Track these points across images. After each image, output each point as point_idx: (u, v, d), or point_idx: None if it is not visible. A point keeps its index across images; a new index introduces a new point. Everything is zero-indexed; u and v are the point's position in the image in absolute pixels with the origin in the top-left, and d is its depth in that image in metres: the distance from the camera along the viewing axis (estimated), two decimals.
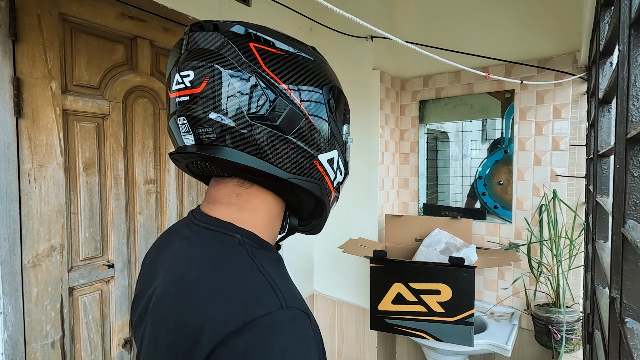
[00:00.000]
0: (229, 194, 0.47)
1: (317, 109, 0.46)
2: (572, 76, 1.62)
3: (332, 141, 0.49)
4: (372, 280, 1.61)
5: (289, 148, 0.44)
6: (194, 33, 0.45)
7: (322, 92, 0.47)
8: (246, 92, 0.42)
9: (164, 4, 1.43)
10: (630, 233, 0.46)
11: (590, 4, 1.09)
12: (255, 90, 0.42)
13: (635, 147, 0.50)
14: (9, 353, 1.07)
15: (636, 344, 0.45)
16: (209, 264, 0.41)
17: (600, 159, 0.98)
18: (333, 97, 0.49)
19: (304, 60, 0.46)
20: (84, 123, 1.25)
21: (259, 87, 0.42)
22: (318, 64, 0.48)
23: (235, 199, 0.47)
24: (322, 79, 0.48)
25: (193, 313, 0.37)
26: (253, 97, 0.42)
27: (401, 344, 2.27)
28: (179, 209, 1.56)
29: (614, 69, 0.66)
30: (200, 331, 0.35)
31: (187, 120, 0.43)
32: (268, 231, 0.49)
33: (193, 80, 0.42)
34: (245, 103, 0.42)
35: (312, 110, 0.46)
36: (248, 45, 0.43)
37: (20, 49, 1.08)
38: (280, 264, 0.47)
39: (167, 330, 0.39)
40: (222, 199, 0.48)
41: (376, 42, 2.01)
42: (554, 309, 1.63)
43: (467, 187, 2.05)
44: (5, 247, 1.06)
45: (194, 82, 0.42)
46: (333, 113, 0.49)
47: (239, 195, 0.47)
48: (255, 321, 0.35)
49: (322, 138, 0.47)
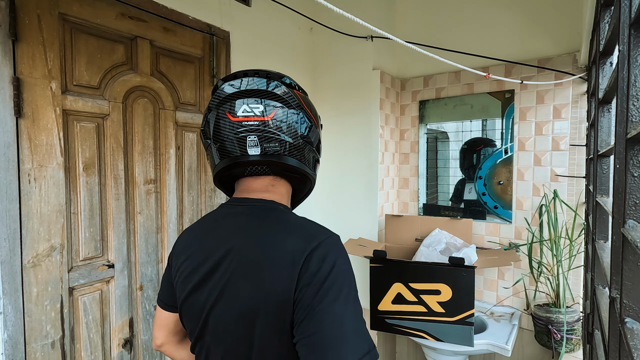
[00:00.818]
0: (266, 185, 0.68)
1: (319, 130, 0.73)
2: (572, 76, 1.62)
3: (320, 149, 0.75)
4: (372, 280, 1.61)
5: (313, 154, 0.71)
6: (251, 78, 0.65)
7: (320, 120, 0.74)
8: (299, 122, 0.66)
9: (164, 4, 1.43)
10: (630, 233, 0.46)
11: (590, 4, 1.09)
12: (303, 121, 0.67)
13: (635, 147, 0.50)
14: (9, 353, 1.07)
15: (636, 344, 0.45)
16: (273, 221, 0.63)
17: (600, 159, 0.98)
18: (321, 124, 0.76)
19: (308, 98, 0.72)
20: (84, 123, 1.25)
21: (304, 118, 0.67)
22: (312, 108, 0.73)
23: (271, 188, 0.69)
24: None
25: (277, 248, 0.58)
26: (302, 125, 0.67)
27: (401, 344, 2.27)
28: (179, 209, 1.56)
29: (614, 69, 0.66)
30: (291, 256, 0.56)
31: (258, 137, 0.63)
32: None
33: (263, 111, 0.63)
34: (298, 129, 0.66)
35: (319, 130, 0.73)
36: (293, 92, 0.67)
37: (20, 49, 1.08)
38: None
39: (256, 265, 0.58)
40: (260, 188, 0.68)
41: (376, 42, 2.01)
42: (554, 309, 1.63)
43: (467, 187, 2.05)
44: (5, 247, 1.06)
45: (264, 112, 0.63)
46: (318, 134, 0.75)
47: (273, 185, 0.69)
48: (323, 241, 0.58)
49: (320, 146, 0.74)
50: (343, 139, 2.16)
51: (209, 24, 1.61)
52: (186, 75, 1.56)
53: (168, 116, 1.50)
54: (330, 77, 2.19)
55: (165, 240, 1.51)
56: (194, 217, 1.62)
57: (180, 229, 1.57)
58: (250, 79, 0.64)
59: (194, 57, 1.59)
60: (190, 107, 1.59)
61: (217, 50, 1.65)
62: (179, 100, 1.54)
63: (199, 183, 1.64)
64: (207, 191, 1.67)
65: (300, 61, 2.17)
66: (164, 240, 1.51)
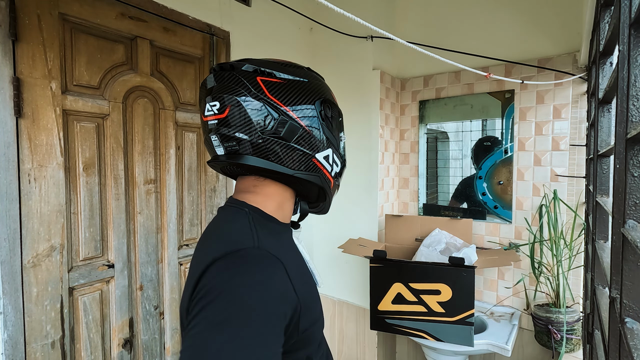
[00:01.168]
0: (248, 186, 0.64)
1: (311, 120, 0.61)
2: (572, 76, 1.62)
3: (326, 142, 0.64)
4: (372, 280, 1.61)
5: (292, 152, 0.60)
6: (217, 72, 0.61)
7: (315, 106, 0.62)
8: (257, 115, 0.58)
9: (164, 4, 1.43)
10: (630, 233, 0.46)
11: (590, 4, 1.09)
12: (263, 113, 0.58)
13: (635, 147, 0.50)
14: (9, 353, 1.07)
15: (636, 344, 0.45)
16: (219, 223, 0.61)
17: (600, 159, 0.98)
18: (325, 108, 0.64)
19: (298, 84, 0.61)
20: (84, 123, 1.25)
21: (265, 110, 0.58)
22: (311, 84, 0.63)
23: (253, 189, 0.64)
24: (314, 96, 0.62)
25: (204, 252, 0.56)
26: (262, 118, 0.58)
27: (401, 344, 2.27)
28: (179, 209, 1.56)
29: (614, 69, 0.66)
30: (201, 267, 0.52)
31: (218, 137, 0.59)
32: (278, 211, 0.65)
33: (219, 108, 0.58)
34: (257, 123, 0.58)
35: (307, 121, 0.61)
36: (256, 79, 0.59)
37: (20, 49, 1.08)
38: (279, 233, 0.62)
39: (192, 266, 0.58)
40: (244, 189, 0.64)
41: (376, 42, 2.01)
42: (554, 309, 1.63)
43: (467, 187, 2.05)
44: (5, 247, 1.06)
45: (220, 110, 0.58)
46: (326, 120, 0.64)
47: (255, 186, 0.64)
48: (233, 252, 0.52)
49: (317, 141, 0.62)
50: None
51: (209, 24, 1.61)
52: (186, 75, 1.56)
53: (168, 116, 1.50)
54: (330, 77, 2.17)
55: (165, 240, 1.51)
56: (193, 217, 1.62)
57: (180, 229, 1.57)
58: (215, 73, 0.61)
59: (194, 57, 1.59)
60: (190, 107, 1.59)
61: (217, 51, 1.65)
62: (179, 100, 1.54)
63: (199, 183, 1.64)
64: (207, 191, 1.67)
65: (300, 61, 2.16)
66: (164, 240, 1.51)
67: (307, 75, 0.64)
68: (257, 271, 0.50)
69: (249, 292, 0.47)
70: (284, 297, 0.51)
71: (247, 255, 0.51)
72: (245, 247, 0.52)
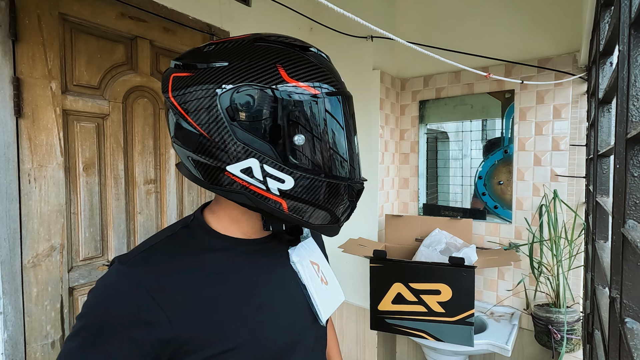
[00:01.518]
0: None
1: (211, 123, 0.46)
2: (572, 76, 1.62)
3: (242, 151, 0.46)
4: (372, 280, 1.61)
5: (197, 163, 0.49)
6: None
7: (218, 102, 0.45)
8: (169, 120, 0.50)
9: (164, 4, 1.43)
10: (630, 233, 0.46)
11: (590, 4, 1.09)
12: (171, 117, 0.49)
13: (635, 147, 0.50)
14: (9, 353, 1.07)
15: (636, 344, 0.45)
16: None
17: (600, 159, 0.98)
18: (242, 102, 0.45)
19: (207, 72, 0.46)
20: (84, 123, 1.25)
21: (172, 114, 0.49)
22: (230, 68, 0.46)
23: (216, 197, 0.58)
24: (216, 85, 0.45)
25: None
26: (172, 122, 0.50)
27: (401, 344, 2.27)
28: (179, 209, 1.56)
29: (614, 69, 0.66)
30: None
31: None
32: (233, 224, 0.56)
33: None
34: (169, 127, 0.51)
35: (205, 126, 0.46)
36: (169, 76, 0.49)
37: (20, 49, 1.08)
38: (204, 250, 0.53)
39: None
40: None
41: (376, 42, 2.01)
42: (554, 309, 1.63)
43: (467, 187, 2.05)
44: (5, 247, 1.06)
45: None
46: (241, 122, 0.46)
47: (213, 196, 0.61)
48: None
49: (222, 151, 0.47)
50: None
51: (209, 24, 1.61)
52: None
53: None
54: None
55: None
56: None
57: None
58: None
59: None
60: None
61: None
62: None
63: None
64: (207, 191, 1.67)
65: None
66: None
67: (236, 54, 0.47)
68: (101, 286, 0.47)
69: (87, 308, 0.46)
70: (132, 321, 0.44)
71: (108, 270, 0.48)
72: (115, 261, 0.49)
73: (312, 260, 0.65)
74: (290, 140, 0.47)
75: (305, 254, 0.64)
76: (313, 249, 0.67)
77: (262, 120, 0.46)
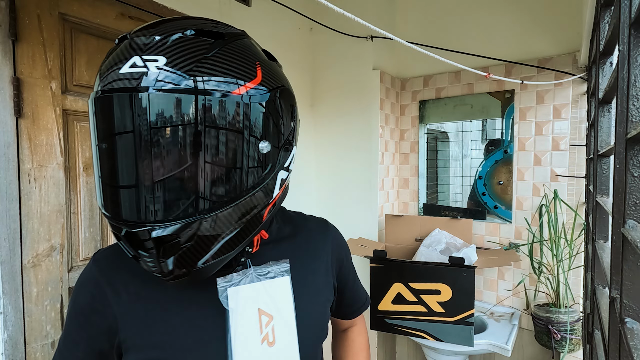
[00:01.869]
0: None
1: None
2: (572, 76, 1.62)
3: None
4: (372, 280, 1.61)
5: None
6: None
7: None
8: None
9: (164, 4, 1.43)
10: (630, 233, 0.46)
11: (590, 4, 1.09)
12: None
13: (635, 147, 0.50)
14: (9, 353, 1.07)
15: (636, 344, 0.45)
16: None
17: (600, 159, 0.98)
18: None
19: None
20: (84, 123, 1.25)
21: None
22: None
23: None
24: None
25: None
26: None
27: (401, 344, 2.27)
28: None
29: (614, 69, 0.66)
30: None
31: None
32: None
33: None
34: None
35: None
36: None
37: (20, 49, 1.08)
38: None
39: None
40: None
41: (376, 42, 2.01)
42: (554, 309, 1.63)
43: (467, 187, 2.05)
44: (5, 247, 1.06)
45: None
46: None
47: None
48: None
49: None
50: (343, 139, 2.16)
51: None
52: None
53: None
54: (330, 77, 2.18)
55: None
56: None
57: None
58: None
59: None
60: None
61: None
62: None
63: None
64: None
65: (300, 61, 2.17)
66: None
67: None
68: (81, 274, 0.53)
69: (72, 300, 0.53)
70: (92, 307, 0.50)
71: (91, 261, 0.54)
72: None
73: (262, 308, 0.48)
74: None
75: (251, 296, 0.47)
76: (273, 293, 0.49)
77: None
